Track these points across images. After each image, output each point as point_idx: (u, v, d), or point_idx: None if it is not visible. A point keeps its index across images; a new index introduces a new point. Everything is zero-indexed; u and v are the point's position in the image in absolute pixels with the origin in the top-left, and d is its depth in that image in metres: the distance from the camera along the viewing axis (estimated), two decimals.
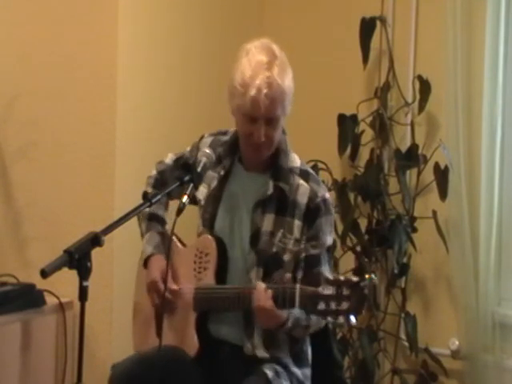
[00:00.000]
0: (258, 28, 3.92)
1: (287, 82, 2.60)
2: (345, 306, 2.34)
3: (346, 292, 2.35)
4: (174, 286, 2.70)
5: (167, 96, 3.67)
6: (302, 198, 2.64)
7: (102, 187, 3.45)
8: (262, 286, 2.49)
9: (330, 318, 2.38)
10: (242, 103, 2.58)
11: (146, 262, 2.76)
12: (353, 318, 2.36)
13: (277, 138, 2.63)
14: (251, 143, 2.62)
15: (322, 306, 2.36)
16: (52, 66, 3.54)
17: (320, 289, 2.37)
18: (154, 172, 2.87)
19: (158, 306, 2.68)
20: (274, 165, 2.67)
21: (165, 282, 2.58)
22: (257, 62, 2.58)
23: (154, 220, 2.82)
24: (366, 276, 2.35)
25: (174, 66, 3.70)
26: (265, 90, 2.55)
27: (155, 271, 2.69)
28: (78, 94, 3.49)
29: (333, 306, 2.35)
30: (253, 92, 2.55)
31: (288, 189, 2.64)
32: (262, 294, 2.45)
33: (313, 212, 2.63)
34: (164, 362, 2.58)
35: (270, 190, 2.64)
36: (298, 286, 2.44)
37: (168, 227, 2.80)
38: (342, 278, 2.39)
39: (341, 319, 2.37)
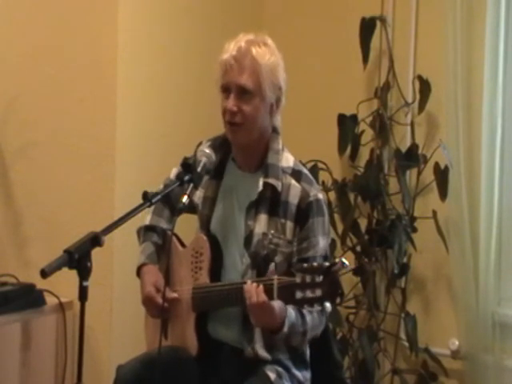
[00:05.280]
0: (258, 28, 3.90)
1: (266, 61, 2.57)
2: (319, 292, 2.32)
3: (319, 279, 2.32)
4: (172, 294, 2.69)
5: (167, 96, 3.67)
6: (294, 198, 2.61)
7: (102, 187, 3.45)
8: (249, 283, 2.46)
9: (306, 307, 2.37)
10: (217, 73, 2.60)
11: (138, 272, 2.75)
12: (328, 305, 2.35)
13: (251, 115, 2.58)
14: (227, 121, 2.60)
15: (299, 295, 2.34)
16: (52, 66, 3.54)
17: (296, 278, 2.35)
18: (161, 186, 2.84)
19: (158, 317, 2.69)
20: (264, 163, 2.65)
21: (163, 293, 2.57)
22: (241, 37, 2.61)
23: (151, 231, 2.81)
24: (336, 260, 2.33)
25: (173, 66, 3.70)
26: (233, 52, 2.57)
27: (148, 285, 2.67)
28: (78, 93, 3.49)
29: (308, 293, 2.33)
30: (224, 56, 2.59)
31: (280, 185, 2.61)
32: (253, 290, 2.43)
33: (304, 212, 2.60)
34: (168, 362, 2.57)
35: (260, 188, 2.62)
36: (275, 277, 2.42)
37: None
38: (315, 264, 2.37)
39: (316, 307, 2.35)
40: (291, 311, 2.50)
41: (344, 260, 2.33)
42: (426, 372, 3.70)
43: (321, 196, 2.66)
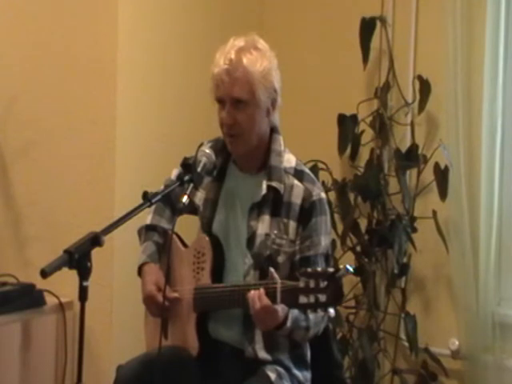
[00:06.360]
0: (259, 28, 3.92)
1: (258, 67, 2.56)
2: (323, 298, 2.32)
3: (323, 284, 2.32)
4: (173, 294, 2.70)
5: (167, 96, 3.67)
6: (297, 198, 2.62)
7: (101, 187, 3.45)
8: (252, 292, 2.45)
9: (310, 312, 2.37)
10: (211, 85, 2.60)
11: (139, 271, 2.76)
12: (331, 310, 2.36)
13: (247, 125, 2.58)
14: (225, 133, 2.61)
15: (303, 299, 2.34)
16: (52, 66, 3.54)
17: (300, 282, 2.35)
18: (161, 187, 2.84)
19: (158, 316, 2.69)
20: (267, 165, 2.66)
21: (163, 292, 2.57)
22: (231, 46, 2.60)
23: (152, 230, 2.82)
24: (341, 266, 2.33)
25: (173, 65, 3.70)
26: (225, 66, 2.56)
27: (149, 284, 2.68)
28: (78, 93, 3.49)
29: (312, 299, 2.33)
30: (215, 70, 2.58)
31: (282, 188, 2.62)
32: (256, 297, 2.43)
33: (307, 212, 2.61)
34: (169, 362, 2.58)
35: (264, 191, 2.62)
36: (278, 281, 2.41)
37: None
38: (319, 269, 2.37)
39: (320, 312, 2.36)
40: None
41: (349, 266, 2.32)
42: (426, 372, 3.70)
43: (323, 195, 2.67)
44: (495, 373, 3.59)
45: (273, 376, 2.57)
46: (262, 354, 2.60)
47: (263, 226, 2.62)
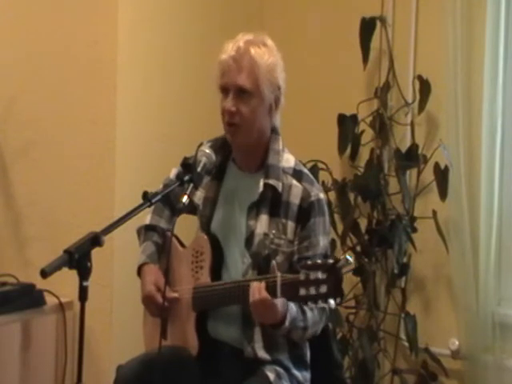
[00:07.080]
0: (259, 28, 3.92)
1: (265, 61, 2.57)
2: (323, 289, 2.32)
3: (323, 275, 2.32)
4: (172, 294, 2.70)
5: (167, 96, 3.67)
6: (295, 198, 2.61)
7: (101, 187, 3.45)
8: (255, 283, 2.46)
9: (310, 304, 2.37)
10: (216, 73, 2.61)
11: (139, 271, 2.76)
12: (332, 302, 2.35)
13: (249, 116, 2.58)
14: (225, 122, 2.61)
15: (303, 292, 2.34)
16: (52, 66, 3.54)
17: (300, 275, 2.35)
18: (160, 186, 2.84)
19: (158, 316, 2.69)
20: (265, 164, 2.66)
21: (163, 293, 2.57)
22: (241, 38, 2.61)
23: (151, 230, 2.82)
24: (341, 257, 2.33)
25: (173, 65, 3.70)
26: (232, 53, 2.58)
27: (149, 284, 2.68)
28: (78, 93, 3.49)
29: (312, 291, 2.33)
30: (223, 56, 2.59)
31: (280, 186, 2.61)
32: (256, 288, 2.43)
33: (305, 212, 2.61)
34: (168, 362, 2.58)
35: (261, 189, 2.62)
36: (278, 274, 2.41)
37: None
38: (319, 261, 2.37)
39: (320, 303, 2.35)
40: (292, 306, 2.50)
41: (348, 257, 2.32)
42: (426, 372, 3.70)
43: (322, 196, 2.66)
44: (495, 373, 3.60)
45: (272, 376, 2.57)
46: (262, 354, 2.60)
47: (262, 225, 2.62)
